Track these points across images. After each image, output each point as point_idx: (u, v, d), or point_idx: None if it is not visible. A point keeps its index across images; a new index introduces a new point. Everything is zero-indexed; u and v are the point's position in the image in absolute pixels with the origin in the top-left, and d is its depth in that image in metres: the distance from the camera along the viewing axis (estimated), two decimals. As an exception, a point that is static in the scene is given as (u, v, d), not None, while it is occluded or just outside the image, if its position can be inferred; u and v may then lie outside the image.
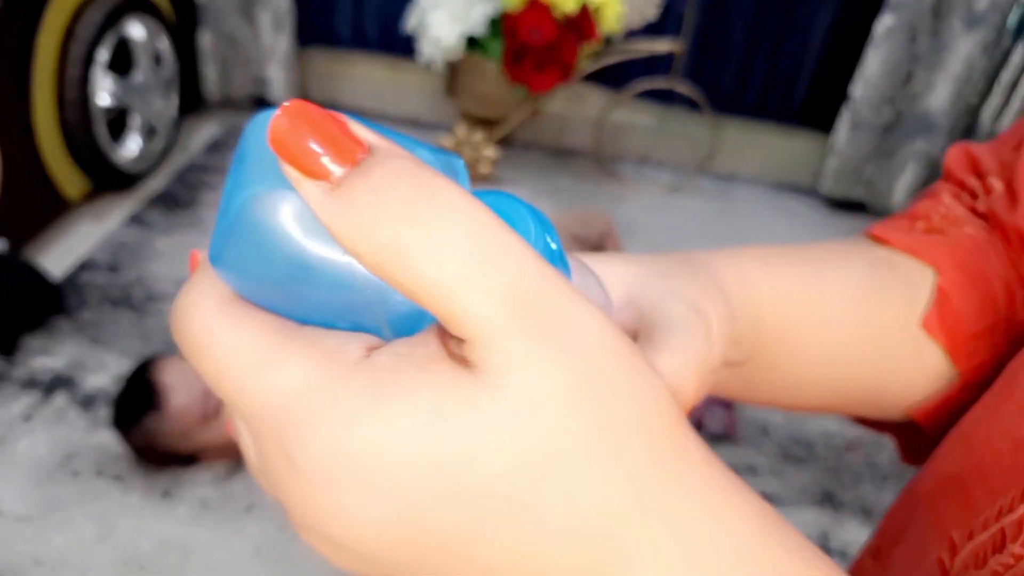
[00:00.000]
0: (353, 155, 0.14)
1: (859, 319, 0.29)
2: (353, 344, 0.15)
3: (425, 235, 0.13)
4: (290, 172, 0.14)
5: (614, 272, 0.24)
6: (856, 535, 1.18)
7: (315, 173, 0.14)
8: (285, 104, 0.15)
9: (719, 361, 0.24)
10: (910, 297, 0.30)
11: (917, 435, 0.35)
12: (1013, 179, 0.31)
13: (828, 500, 1.23)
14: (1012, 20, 1.65)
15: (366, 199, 0.14)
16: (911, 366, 0.30)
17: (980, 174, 0.34)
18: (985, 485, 0.25)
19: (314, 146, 0.14)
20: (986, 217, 0.33)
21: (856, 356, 0.30)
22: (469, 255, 0.13)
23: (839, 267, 0.30)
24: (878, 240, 0.32)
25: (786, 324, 0.28)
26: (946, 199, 0.34)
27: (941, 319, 0.30)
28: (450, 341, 0.15)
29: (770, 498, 1.22)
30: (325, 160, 0.14)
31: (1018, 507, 0.23)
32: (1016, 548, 0.22)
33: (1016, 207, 0.31)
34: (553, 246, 0.18)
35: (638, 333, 0.24)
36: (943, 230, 0.32)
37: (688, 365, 0.22)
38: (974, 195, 0.34)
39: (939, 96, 1.73)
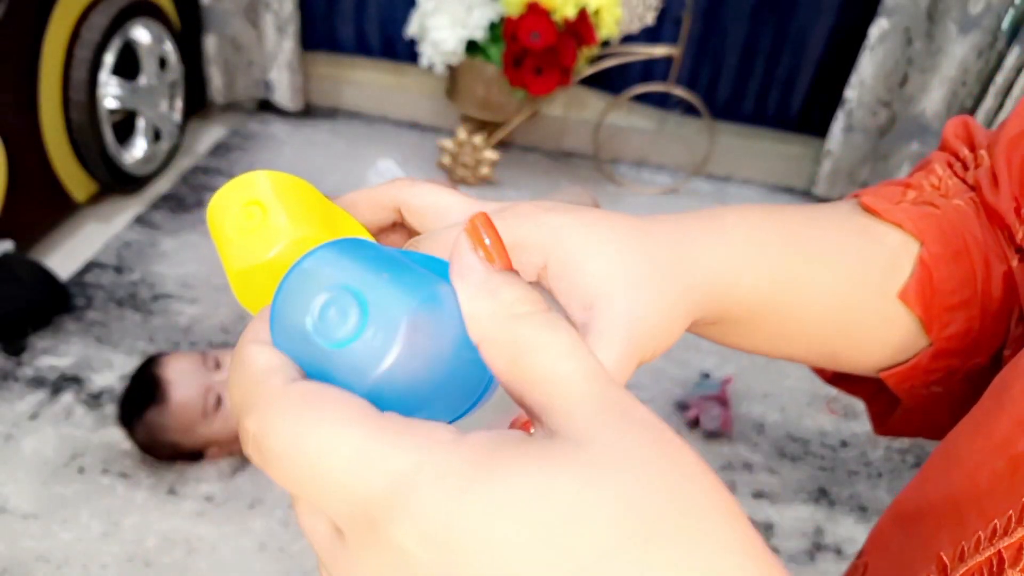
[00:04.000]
0: (509, 266, 0.18)
1: (841, 292, 0.30)
2: (442, 429, 0.16)
3: (549, 339, 0.17)
4: (473, 260, 0.18)
5: (595, 239, 0.24)
6: (850, 531, 1.20)
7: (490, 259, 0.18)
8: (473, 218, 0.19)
9: (659, 347, 0.24)
10: (892, 268, 0.31)
11: (889, 404, 0.36)
12: (993, 162, 0.32)
13: (823, 497, 1.25)
14: (1006, 23, 1.67)
15: (513, 291, 0.17)
16: (885, 333, 0.31)
17: (973, 146, 0.34)
18: (977, 505, 0.24)
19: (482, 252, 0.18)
20: (974, 188, 0.33)
21: (829, 320, 0.30)
22: (570, 363, 0.17)
23: (817, 229, 0.30)
24: (867, 209, 0.32)
25: (760, 287, 0.28)
26: (939, 169, 0.34)
27: (919, 291, 0.30)
28: (535, 428, 0.17)
29: (765, 495, 1.24)
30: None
31: (1016, 530, 0.22)
32: (1017, 574, 0.22)
33: (998, 191, 0.31)
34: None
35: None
36: (932, 202, 0.32)
37: (625, 357, 0.23)
38: (965, 166, 0.34)
39: (934, 99, 1.75)
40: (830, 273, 0.30)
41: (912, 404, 0.33)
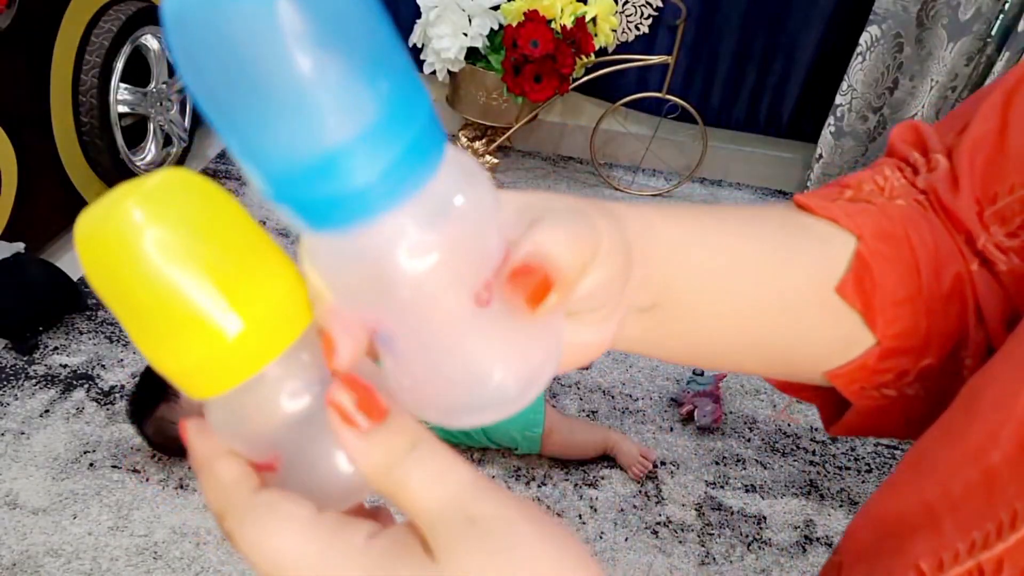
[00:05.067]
0: (380, 416, 0.21)
1: (769, 277, 0.29)
2: (361, 533, 0.21)
3: (418, 478, 0.21)
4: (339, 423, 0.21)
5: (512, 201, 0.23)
6: (841, 524, 1.22)
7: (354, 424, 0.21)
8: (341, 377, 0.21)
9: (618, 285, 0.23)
10: (826, 261, 0.30)
11: (838, 409, 0.35)
12: (954, 165, 0.31)
13: (813, 490, 1.28)
14: (996, 30, 1.70)
15: (383, 449, 0.20)
16: (827, 331, 0.30)
17: (925, 150, 0.34)
18: (953, 514, 0.24)
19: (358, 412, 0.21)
20: (926, 192, 0.32)
21: (768, 314, 0.29)
22: (435, 492, 0.20)
23: (750, 225, 0.30)
24: (801, 206, 0.32)
25: (695, 272, 0.27)
26: (887, 171, 0.34)
27: (858, 285, 0.29)
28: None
29: (757, 488, 1.27)
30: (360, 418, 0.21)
31: (995, 544, 0.23)
32: None
33: (958, 193, 0.31)
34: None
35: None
36: (869, 199, 0.32)
37: (562, 235, 0.21)
38: (916, 170, 0.34)
39: (923, 104, 1.78)
40: (755, 258, 0.29)
41: (864, 407, 0.33)
